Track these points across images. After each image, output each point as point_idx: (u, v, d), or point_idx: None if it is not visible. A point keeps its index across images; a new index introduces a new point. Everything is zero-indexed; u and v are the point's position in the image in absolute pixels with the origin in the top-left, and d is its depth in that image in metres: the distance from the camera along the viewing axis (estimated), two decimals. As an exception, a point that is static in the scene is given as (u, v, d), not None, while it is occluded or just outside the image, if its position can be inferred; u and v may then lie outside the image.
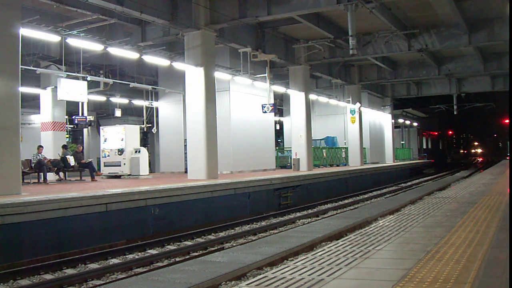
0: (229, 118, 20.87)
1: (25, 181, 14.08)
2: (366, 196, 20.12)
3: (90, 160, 18.36)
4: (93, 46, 15.06)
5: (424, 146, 58.50)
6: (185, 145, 19.61)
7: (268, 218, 13.93)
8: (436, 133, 64.44)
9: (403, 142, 46.30)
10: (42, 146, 15.92)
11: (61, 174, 16.22)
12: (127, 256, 9.11)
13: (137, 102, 24.76)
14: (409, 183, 27.40)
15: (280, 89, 22.93)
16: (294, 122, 22.73)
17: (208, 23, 15.52)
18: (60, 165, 15.87)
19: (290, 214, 14.77)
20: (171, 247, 9.96)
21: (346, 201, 18.32)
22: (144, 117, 23.93)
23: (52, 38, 14.35)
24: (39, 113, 19.42)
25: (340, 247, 5.87)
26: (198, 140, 15.61)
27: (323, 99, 27.01)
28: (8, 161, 10.17)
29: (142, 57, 15.94)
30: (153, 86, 21.95)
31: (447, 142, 74.86)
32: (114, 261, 8.76)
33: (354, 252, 5.49)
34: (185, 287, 5.66)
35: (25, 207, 8.44)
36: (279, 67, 22.84)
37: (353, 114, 27.76)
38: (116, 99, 24.66)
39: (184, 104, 20.07)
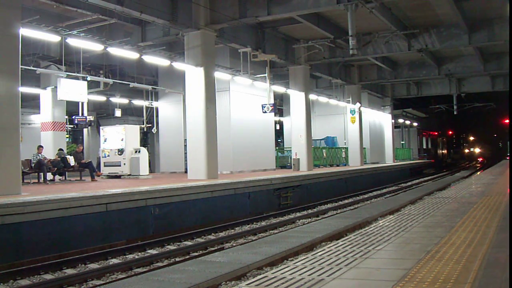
0: (229, 118, 20.87)
1: (25, 181, 14.08)
2: (366, 196, 20.11)
3: (90, 160, 18.36)
4: (93, 46, 15.05)
5: (424, 146, 58.49)
6: (185, 145, 19.61)
7: (268, 218, 13.92)
8: (436, 133, 64.41)
9: (403, 142, 46.30)
10: (42, 146, 15.92)
11: (57, 176, 16.23)
12: (127, 256, 9.11)
13: (137, 102, 24.77)
14: (409, 183, 27.39)
15: (280, 89, 22.93)
16: (294, 122, 22.73)
17: (208, 23, 15.52)
18: (60, 165, 15.86)
19: (290, 214, 14.77)
20: (171, 247, 9.96)
21: (346, 201, 18.31)
22: (144, 117, 23.93)
23: (52, 38, 14.35)
24: (39, 113, 19.44)
25: (340, 247, 5.87)
26: (198, 140, 15.61)
27: (323, 99, 27.01)
28: (8, 161, 10.17)
29: (142, 57, 15.94)
30: (153, 86, 21.94)
31: (447, 142, 74.67)
32: (114, 261, 8.76)
33: (354, 252, 5.49)
34: (185, 287, 5.66)
35: (25, 207, 8.44)
36: (279, 67, 22.84)
37: (353, 114, 27.76)
38: (116, 99, 24.66)
39: (184, 104, 20.08)
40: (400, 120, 44.10)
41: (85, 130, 28.29)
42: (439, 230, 6.68)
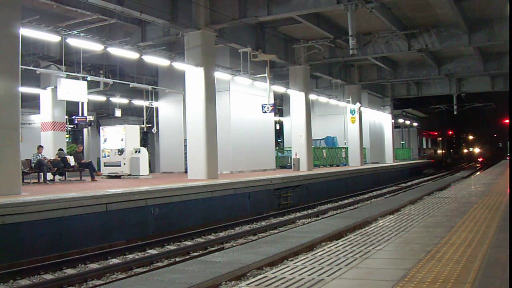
0: (229, 118, 20.87)
1: (25, 181, 14.08)
2: (366, 196, 20.11)
3: (90, 160, 18.36)
4: (93, 46, 15.06)
5: (424, 146, 58.47)
6: (185, 145, 19.61)
7: (268, 218, 13.92)
8: (436, 133, 64.39)
9: (403, 142, 46.30)
10: (42, 146, 15.92)
11: (57, 176, 16.23)
12: (127, 256, 9.11)
13: (137, 102, 24.77)
14: (409, 183, 27.38)
15: (280, 89, 22.93)
16: (294, 122, 22.73)
17: (208, 23, 15.52)
18: (60, 165, 15.86)
19: (290, 214, 14.76)
20: (171, 247, 9.96)
21: (346, 201, 18.31)
22: (144, 117, 23.94)
23: (52, 38, 14.35)
24: (39, 113, 19.44)
25: (340, 247, 5.87)
26: (198, 140, 15.61)
27: (323, 99, 27.01)
28: (8, 161, 10.17)
29: (142, 57, 15.94)
30: (153, 86, 21.95)
31: (447, 142, 74.53)
32: (114, 261, 8.76)
33: (354, 252, 5.49)
34: (185, 287, 5.66)
35: (25, 207, 8.44)
36: (279, 67, 22.84)
37: (353, 114, 27.76)
38: (116, 99, 24.67)
39: (184, 104, 20.08)
40: (400, 120, 44.10)
41: (85, 130, 28.28)
42: (439, 230, 6.68)
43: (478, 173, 33.82)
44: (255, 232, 11.60)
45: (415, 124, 49.97)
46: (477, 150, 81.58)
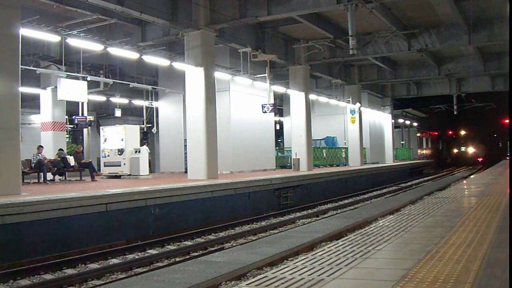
0: (229, 118, 20.87)
1: (25, 181, 14.07)
2: (366, 196, 20.11)
3: (90, 160, 18.36)
4: (93, 46, 15.06)
5: (424, 146, 58.45)
6: (185, 145, 19.61)
7: (268, 218, 13.92)
8: (436, 133, 64.34)
9: (403, 142, 46.31)
10: (42, 146, 15.92)
11: (57, 176, 16.23)
12: (127, 256, 9.11)
13: (137, 102, 24.77)
14: (409, 183, 27.39)
15: (280, 89, 22.93)
16: (294, 122, 22.73)
17: (208, 23, 15.52)
18: (60, 165, 15.86)
19: (290, 214, 14.76)
20: (171, 247, 9.96)
21: (346, 201, 18.31)
22: (144, 117, 23.94)
23: (52, 38, 14.36)
24: (39, 113, 19.44)
25: (340, 247, 5.87)
26: (198, 140, 15.61)
27: (323, 99, 27.02)
28: (8, 161, 10.17)
29: (142, 57, 15.95)
30: (153, 86, 21.95)
31: (447, 142, 74.36)
32: (114, 261, 8.76)
33: (354, 252, 5.49)
34: (185, 287, 5.66)
35: (25, 207, 8.44)
36: (279, 67, 22.84)
37: (353, 114, 27.77)
38: (116, 99, 24.67)
39: (184, 104, 20.08)
40: (400, 120, 44.12)
41: (85, 130, 28.29)
42: (439, 230, 6.67)
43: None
44: (255, 232, 11.60)
45: (415, 124, 49.97)
46: (471, 149, 71.40)
